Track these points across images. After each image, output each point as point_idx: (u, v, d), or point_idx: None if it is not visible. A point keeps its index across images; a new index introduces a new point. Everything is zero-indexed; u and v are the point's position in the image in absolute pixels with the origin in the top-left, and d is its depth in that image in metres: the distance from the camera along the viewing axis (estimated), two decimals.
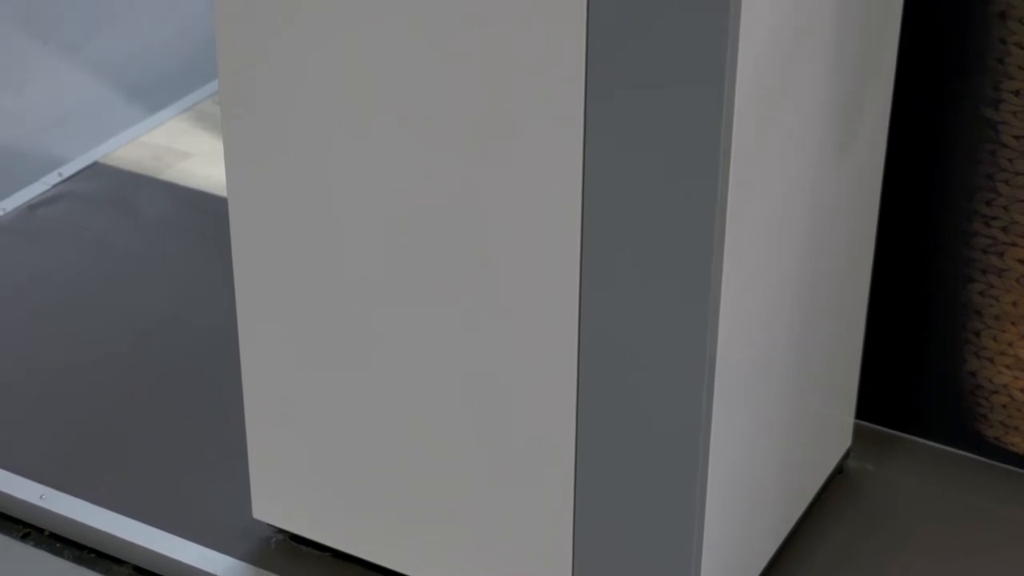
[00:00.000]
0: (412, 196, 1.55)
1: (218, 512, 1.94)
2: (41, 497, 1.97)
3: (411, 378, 1.64)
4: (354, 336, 1.66)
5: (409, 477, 1.70)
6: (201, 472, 2.02)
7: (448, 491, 1.68)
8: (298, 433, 1.75)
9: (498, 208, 1.51)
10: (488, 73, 1.45)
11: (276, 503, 1.82)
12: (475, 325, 1.57)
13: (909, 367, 2.05)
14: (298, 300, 1.67)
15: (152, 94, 3.14)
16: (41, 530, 1.97)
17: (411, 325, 1.61)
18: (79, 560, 1.92)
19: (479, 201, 1.51)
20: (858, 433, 2.03)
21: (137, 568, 1.90)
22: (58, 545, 1.95)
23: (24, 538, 1.97)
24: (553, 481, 1.60)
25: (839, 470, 2.00)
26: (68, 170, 2.77)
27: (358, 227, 1.60)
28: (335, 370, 1.69)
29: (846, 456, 2.00)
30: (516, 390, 1.58)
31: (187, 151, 2.82)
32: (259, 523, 1.87)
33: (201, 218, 2.60)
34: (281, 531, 1.88)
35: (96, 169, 2.77)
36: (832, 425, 1.95)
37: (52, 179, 2.74)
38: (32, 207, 2.65)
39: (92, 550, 1.94)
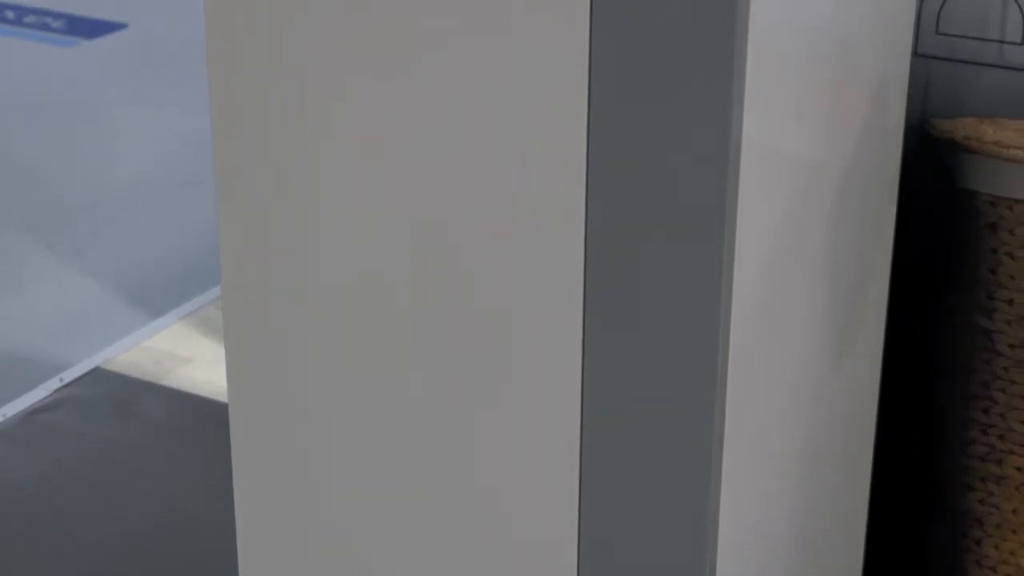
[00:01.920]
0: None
1: None
2: None
3: None
4: (356, 552, 1.65)
5: None
6: None
7: None
8: None
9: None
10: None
11: None
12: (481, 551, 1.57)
13: None
14: (299, 512, 1.67)
15: (154, 299, 3.16)
16: None
17: (417, 536, 1.61)
18: None
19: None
20: None
21: None
22: None
23: None
24: None
25: None
26: (69, 375, 2.78)
27: (360, 443, 1.60)
28: None
29: None
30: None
31: (188, 356, 2.84)
32: None
33: (202, 423, 2.61)
34: None
35: (97, 374, 2.78)
36: None
37: (53, 384, 2.75)
38: (32, 413, 2.66)
39: None
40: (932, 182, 1.88)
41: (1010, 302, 1.85)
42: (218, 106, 1.55)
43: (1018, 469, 1.91)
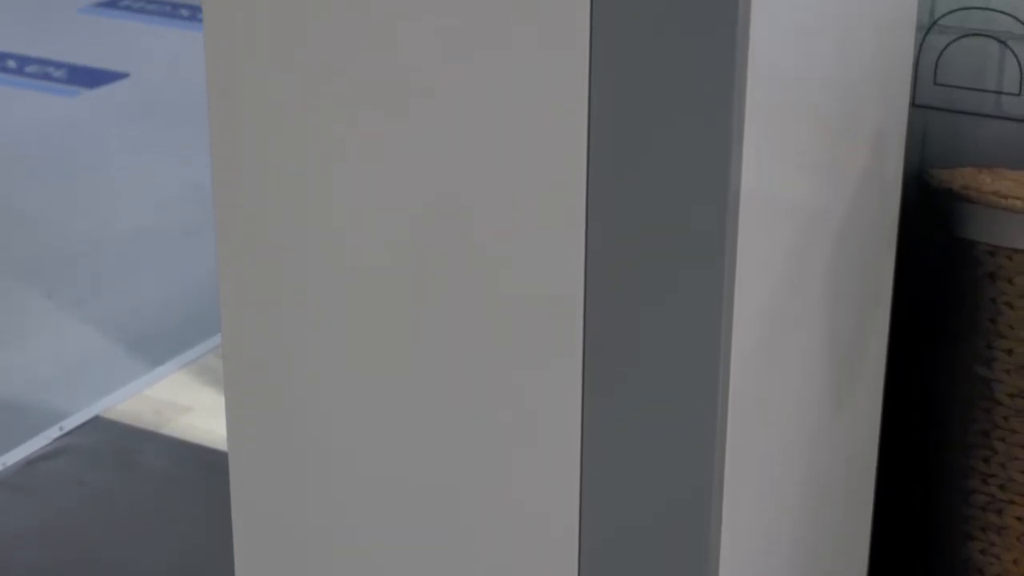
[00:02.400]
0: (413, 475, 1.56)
1: None
2: None
3: None
4: None
5: None
6: None
7: None
8: None
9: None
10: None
11: None
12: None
13: None
14: (299, 563, 1.67)
15: (154, 348, 3.16)
16: None
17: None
18: None
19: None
20: None
21: None
22: None
23: None
24: None
25: None
26: (69, 424, 2.78)
27: (362, 492, 1.60)
28: None
29: None
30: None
31: (188, 405, 2.84)
32: None
33: (202, 473, 2.60)
34: None
35: (97, 423, 2.78)
36: None
37: (53, 433, 2.74)
38: (32, 461, 2.65)
39: None
40: (931, 232, 1.89)
41: (1009, 352, 1.85)
42: (219, 151, 1.56)
43: (1019, 519, 1.91)
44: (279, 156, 1.52)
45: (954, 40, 1.90)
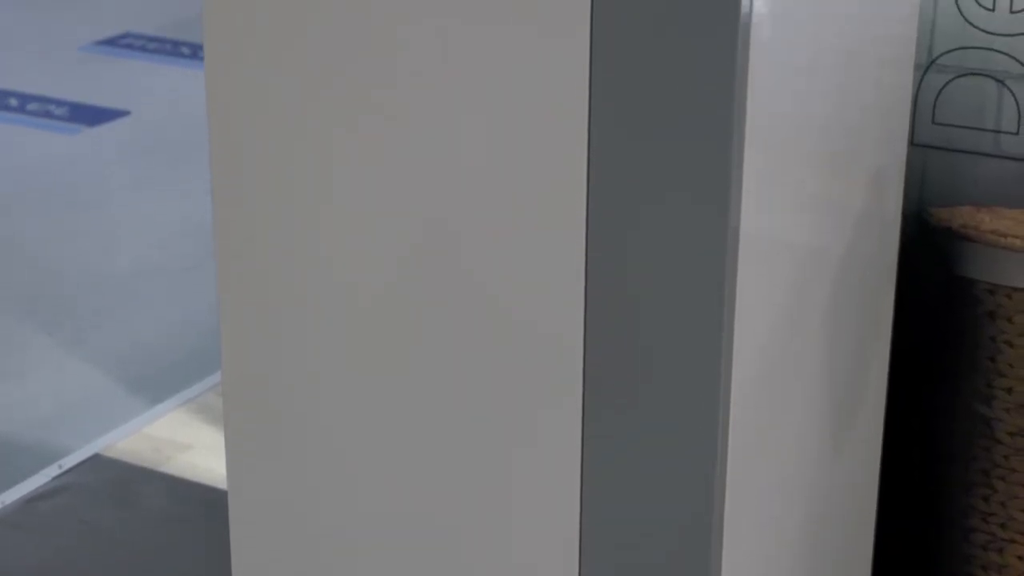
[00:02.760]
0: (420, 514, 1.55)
1: None
2: None
3: None
4: None
5: None
6: None
7: None
8: None
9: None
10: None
11: None
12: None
13: None
14: None
15: (153, 386, 3.16)
16: None
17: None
18: None
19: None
20: None
21: None
22: None
23: None
24: None
25: None
26: (68, 462, 2.77)
27: (365, 532, 1.60)
28: None
29: None
30: None
31: (188, 443, 2.84)
32: None
33: (202, 511, 2.60)
34: None
35: (96, 461, 2.78)
36: None
37: (52, 471, 2.74)
38: (31, 500, 2.65)
39: None
40: (930, 270, 1.89)
41: (1009, 390, 1.85)
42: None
43: (1020, 558, 1.90)
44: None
45: (952, 79, 1.91)
